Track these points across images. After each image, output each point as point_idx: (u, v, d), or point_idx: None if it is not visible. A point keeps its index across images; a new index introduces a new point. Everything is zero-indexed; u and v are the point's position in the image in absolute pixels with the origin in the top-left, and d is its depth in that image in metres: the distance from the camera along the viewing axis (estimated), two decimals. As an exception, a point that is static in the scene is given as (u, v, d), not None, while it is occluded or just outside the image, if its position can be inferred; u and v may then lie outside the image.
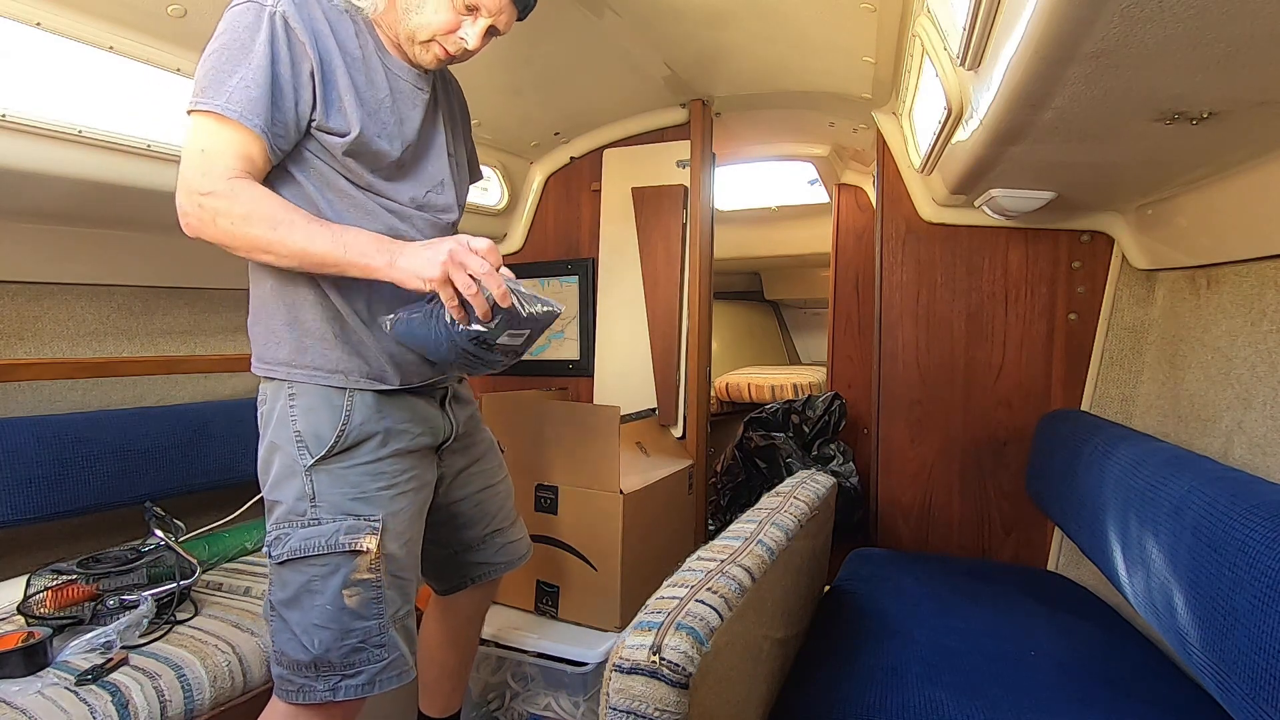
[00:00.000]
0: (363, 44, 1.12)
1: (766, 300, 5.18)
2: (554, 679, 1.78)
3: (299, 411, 1.11)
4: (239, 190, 0.98)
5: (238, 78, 0.99)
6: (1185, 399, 1.51)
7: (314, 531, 1.09)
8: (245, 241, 1.00)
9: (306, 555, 1.08)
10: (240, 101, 0.99)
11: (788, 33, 1.83)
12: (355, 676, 1.10)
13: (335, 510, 1.10)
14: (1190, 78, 0.84)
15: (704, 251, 2.37)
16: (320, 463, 1.10)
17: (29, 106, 1.30)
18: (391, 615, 1.13)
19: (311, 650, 1.09)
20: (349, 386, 1.13)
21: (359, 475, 1.11)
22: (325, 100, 1.06)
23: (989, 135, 1.14)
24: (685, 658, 0.75)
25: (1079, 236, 1.87)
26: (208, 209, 0.99)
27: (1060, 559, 1.91)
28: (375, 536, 1.10)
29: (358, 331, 1.13)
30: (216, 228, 0.99)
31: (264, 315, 1.15)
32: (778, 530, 1.17)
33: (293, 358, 1.12)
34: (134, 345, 1.94)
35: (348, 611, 1.09)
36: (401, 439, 1.17)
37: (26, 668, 1.22)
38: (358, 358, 1.13)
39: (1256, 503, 0.90)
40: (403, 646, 1.15)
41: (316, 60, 1.04)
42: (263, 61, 1.00)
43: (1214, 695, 0.93)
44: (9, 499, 1.53)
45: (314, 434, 1.10)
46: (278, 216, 0.99)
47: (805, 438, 3.09)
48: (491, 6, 1.11)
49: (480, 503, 1.39)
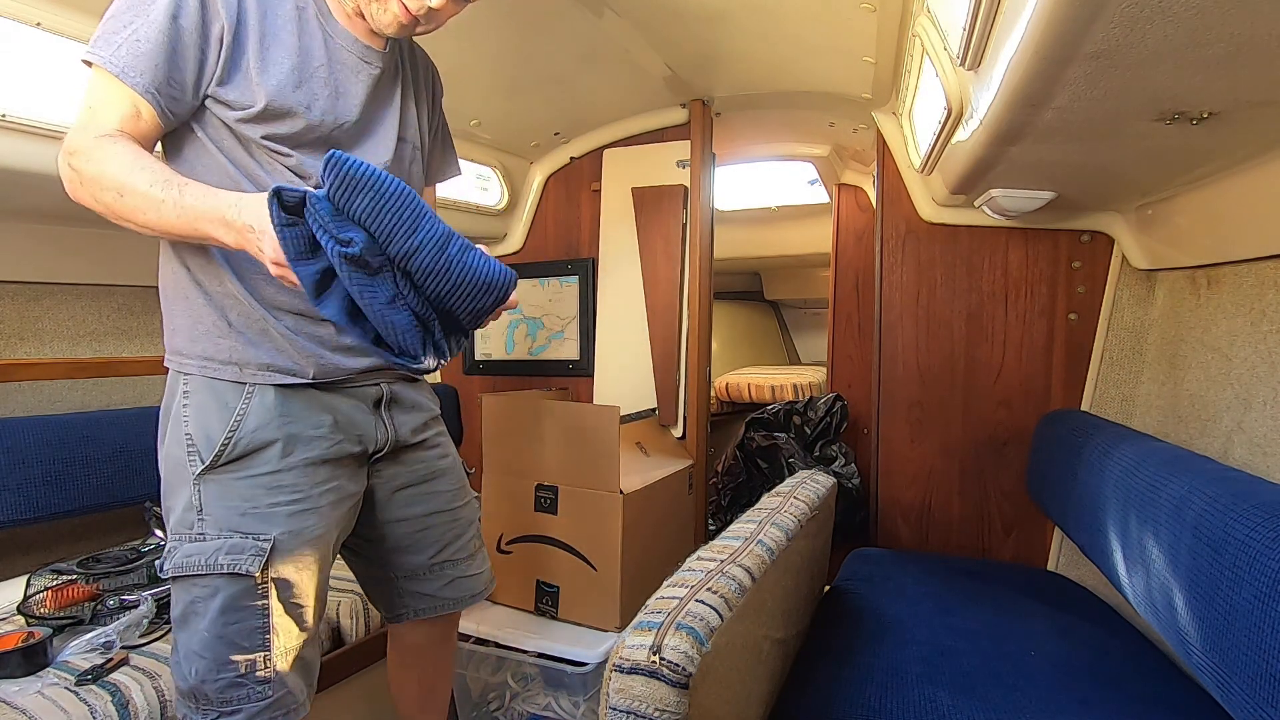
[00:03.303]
0: (301, 5, 1.01)
1: (766, 300, 5.18)
2: (554, 679, 1.78)
3: (191, 410, 0.99)
4: (97, 150, 0.88)
5: (130, 30, 0.90)
6: (1185, 399, 1.52)
7: (197, 548, 0.97)
8: (101, 208, 0.89)
9: (188, 573, 0.97)
10: (127, 57, 0.89)
11: (788, 33, 1.83)
12: (233, 715, 0.98)
13: (220, 526, 0.97)
14: (1190, 78, 0.84)
15: (704, 251, 2.37)
16: (208, 471, 0.98)
17: (29, 106, 1.30)
18: (281, 648, 1.00)
19: (188, 679, 0.98)
20: (246, 381, 0.99)
21: (251, 488, 0.98)
22: (230, 66, 0.95)
23: (989, 135, 1.14)
24: (685, 658, 0.75)
25: (1079, 236, 1.87)
26: (73, 169, 0.89)
27: (1060, 559, 1.91)
28: (261, 559, 0.96)
29: (256, 313, 0.99)
30: (80, 191, 0.90)
31: (166, 296, 1.04)
32: (778, 530, 1.17)
33: (185, 345, 1.01)
34: (134, 345, 1.94)
35: (226, 641, 0.97)
36: (314, 446, 1.02)
37: (26, 668, 1.22)
38: (255, 347, 0.99)
39: (1256, 503, 0.90)
40: (291, 683, 1.01)
41: (231, 21, 0.94)
42: (161, 16, 0.90)
43: (1214, 695, 0.93)
44: (9, 499, 1.53)
45: (205, 437, 0.98)
46: (125, 179, 0.86)
47: (807, 439, 3.09)
48: None
49: (427, 528, 1.22)
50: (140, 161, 0.88)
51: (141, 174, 0.86)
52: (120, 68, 0.89)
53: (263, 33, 0.97)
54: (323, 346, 1.03)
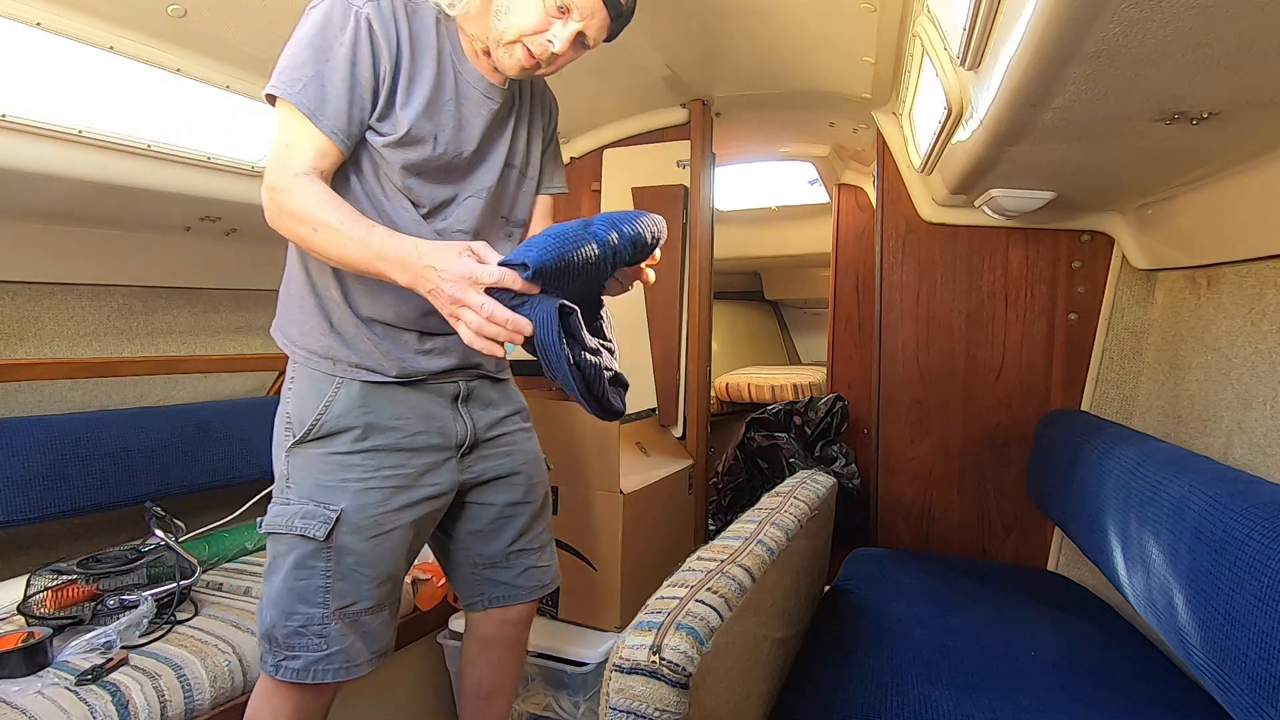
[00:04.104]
0: (440, 46, 1.13)
1: (766, 300, 5.18)
2: (554, 679, 1.78)
3: (293, 393, 1.15)
4: (297, 188, 1.02)
5: (314, 72, 1.03)
6: (1185, 399, 1.52)
7: (282, 510, 1.12)
8: (297, 239, 1.05)
9: (274, 531, 1.12)
10: (315, 101, 1.02)
11: (788, 33, 1.83)
12: (293, 660, 1.11)
13: (302, 494, 1.11)
14: (1190, 78, 0.84)
15: (704, 251, 2.37)
16: (297, 446, 1.12)
17: (29, 106, 1.31)
18: (339, 608, 1.12)
19: (264, 623, 1.12)
20: (337, 375, 1.14)
21: (328, 464, 1.12)
22: (387, 102, 1.09)
23: (989, 135, 1.14)
24: (685, 658, 0.75)
25: (1079, 236, 1.87)
26: (275, 203, 1.03)
27: (1060, 559, 1.91)
28: (327, 526, 1.09)
29: (351, 321, 1.14)
30: (280, 223, 1.04)
31: (285, 289, 1.19)
32: (778, 530, 1.17)
33: (297, 337, 1.16)
34: (134, 345, 1.94)
35: (294, 594, 1.10)
36: (388, 435, 1.15)
37: (27, 668, 1.22)
38: (348, 348, 1.14)
39: (1256, 503, 0.90)
40: (347, 642, 1.13)
41: (392, 63, 1.07)
42: (343, 64, 1.03)
43: (1214, 695, 0.93)
44: (9, 499, 1.53)
45: (299, 417, 1.13)
46: (319, 218, 1.01)
47: (808, 439, 3.09)
48: (584, 8, 1.10)
49: (509, 518, 1.33)
50: (333, 203, 1.02)
51: (334, 214, 1.01)
52: (311, 110, 1.02)
53: (411, 71, 1.10)
54: (405, 350, 1.16)
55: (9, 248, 1.59)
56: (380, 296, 1.12)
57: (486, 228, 1.23)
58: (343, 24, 1.03)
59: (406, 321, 1.14)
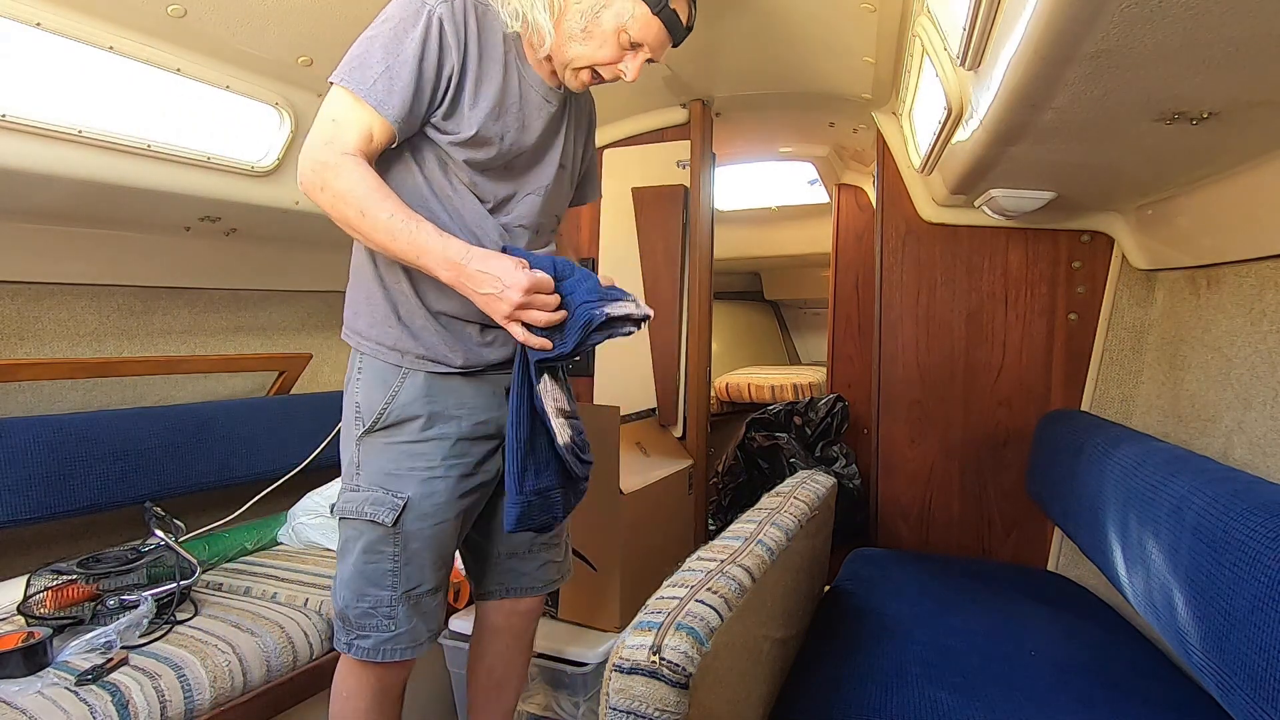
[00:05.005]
0: (506, 49, 1.18)
1: (766, 300, 5.18)
2: (554, 679, 1.78)
3: (361, 384, 1.19)
4: (345, 167, 1.05)
5: (384, 67, 1.06)
6: (1185, 399, 1.52)
7: (353, 496, 1.17)
8: (338, 216, 1.08)
9: (345, 516, 1.17)
10: (382, 93, 1.06)
11: (788, 33, 1.83)
12: (364, 639, 1.17)
13: (371, 481, 1.16)
14: (1190, 78, 0.84)
15: (704, 251, 2.37)
16: (367, 434, 1.17)
17: (29, 106, 1.31)
18: (405, 591, 1.17)
19: (338, 603, 1.19)
20: (403, 366, 1.18)
21: (398, 452, 1.17)
22: (453, 101, 1.12)
23: (989, 135, 1.14)
24: (685, 658, 0.75)
25: (1079, 236, 1.87)
26: (318, 176, 1.06)
27: (1060, 559, 1.91)
28: (395, 513, 1.14)
29: (419, 313, 1.19)
30: (320, 195, 1.07)
31: (353, 284, 1.23)
32: (778, 530, 1.17)
33: (365, 330, 1.20)
34: (134, 345, 1.94)
35: (364, 576, 1.16)
36: (452, 424, 1.20)
37: (26, 668, 1.22)
38: (415, 339, 1.18)
39: (1256, 503, 0.90)
40: (412, 623, 1.19)
41: (459, 64, 1.11)
42: (411, 58, 1.07)
43: (1214, 695, 0.93)
44: (9, 499, 1.53)
45: (368, 407, 1.18)
46: (367, 204, 1.04)
47: (808, 439, 3.09)
48: (655, 45, 1.17)
49: None
50: (382, 191, 1.06)
51: (383, 204, 1.05)
52: (376, 101, 1.06)
53: (479, 74, 1.14)
54: (469, 342, 1.21)
55: (9, 248, 1.59)
56: (447, 290, 1.15)
57: (542, 225, 1.29)
58: (414, 20, 1.08)
59: (470, 314, 1.18)
